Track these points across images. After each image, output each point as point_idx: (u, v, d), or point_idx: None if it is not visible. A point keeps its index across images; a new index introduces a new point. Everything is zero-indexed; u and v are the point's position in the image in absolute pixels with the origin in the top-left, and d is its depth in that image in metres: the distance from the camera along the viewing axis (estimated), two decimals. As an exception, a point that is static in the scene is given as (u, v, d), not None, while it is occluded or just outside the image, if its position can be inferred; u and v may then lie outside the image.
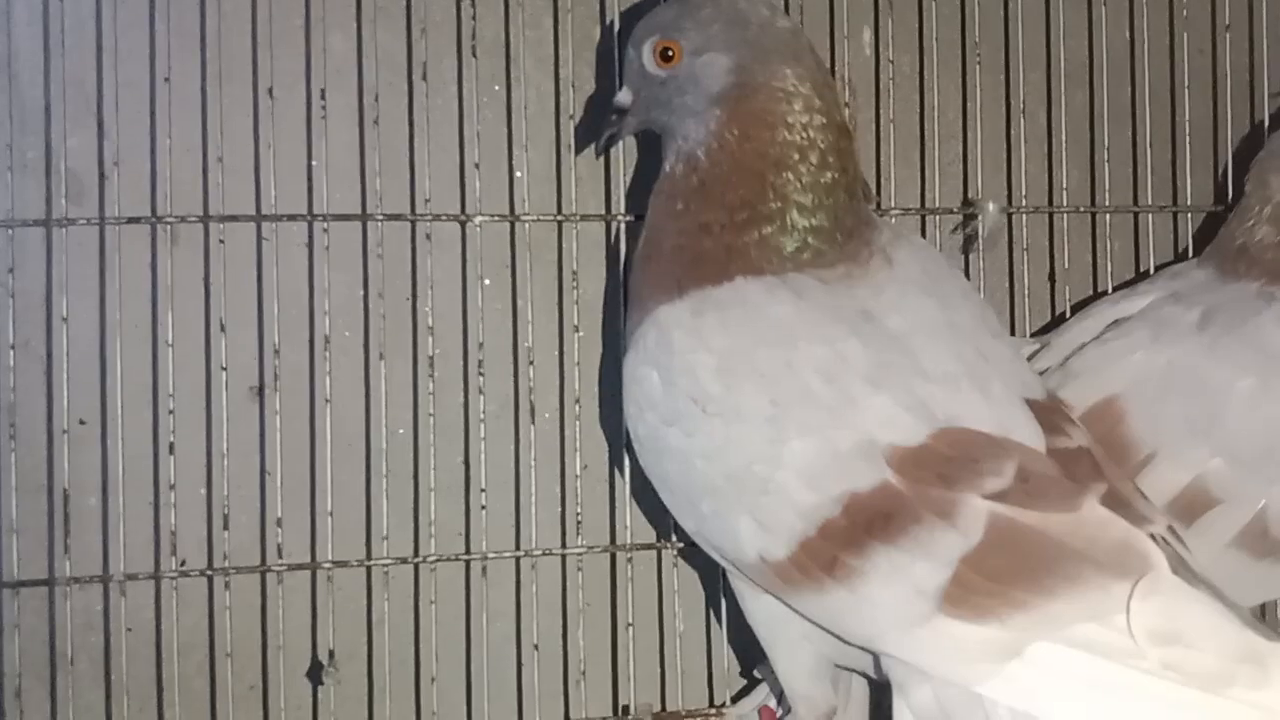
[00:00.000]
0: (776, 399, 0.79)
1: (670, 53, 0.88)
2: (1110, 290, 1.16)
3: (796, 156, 0.84)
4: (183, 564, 1.04)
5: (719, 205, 0.85)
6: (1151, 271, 1.17)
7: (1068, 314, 1.17)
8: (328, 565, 1.03)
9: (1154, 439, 0.94)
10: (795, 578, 0.79)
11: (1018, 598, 0.72)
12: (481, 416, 1.06)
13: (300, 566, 1.06)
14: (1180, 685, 0.69)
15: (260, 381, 1.09)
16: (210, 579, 1.05)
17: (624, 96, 0.92)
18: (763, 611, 0.88)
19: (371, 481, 1.09)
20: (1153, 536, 0.76)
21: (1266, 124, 1.21)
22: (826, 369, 0.79)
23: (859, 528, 0.76)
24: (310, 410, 1.08)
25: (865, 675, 0.91)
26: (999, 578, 0.72)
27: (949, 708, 0.75)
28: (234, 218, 1.03)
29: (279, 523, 1.02)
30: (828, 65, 1.01)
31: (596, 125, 0.98)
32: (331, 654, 1.04)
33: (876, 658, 0.81)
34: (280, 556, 1.02)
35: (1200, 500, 0.93)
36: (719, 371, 0.81)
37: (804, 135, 0.85)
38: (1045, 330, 1.17)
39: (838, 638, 0.82)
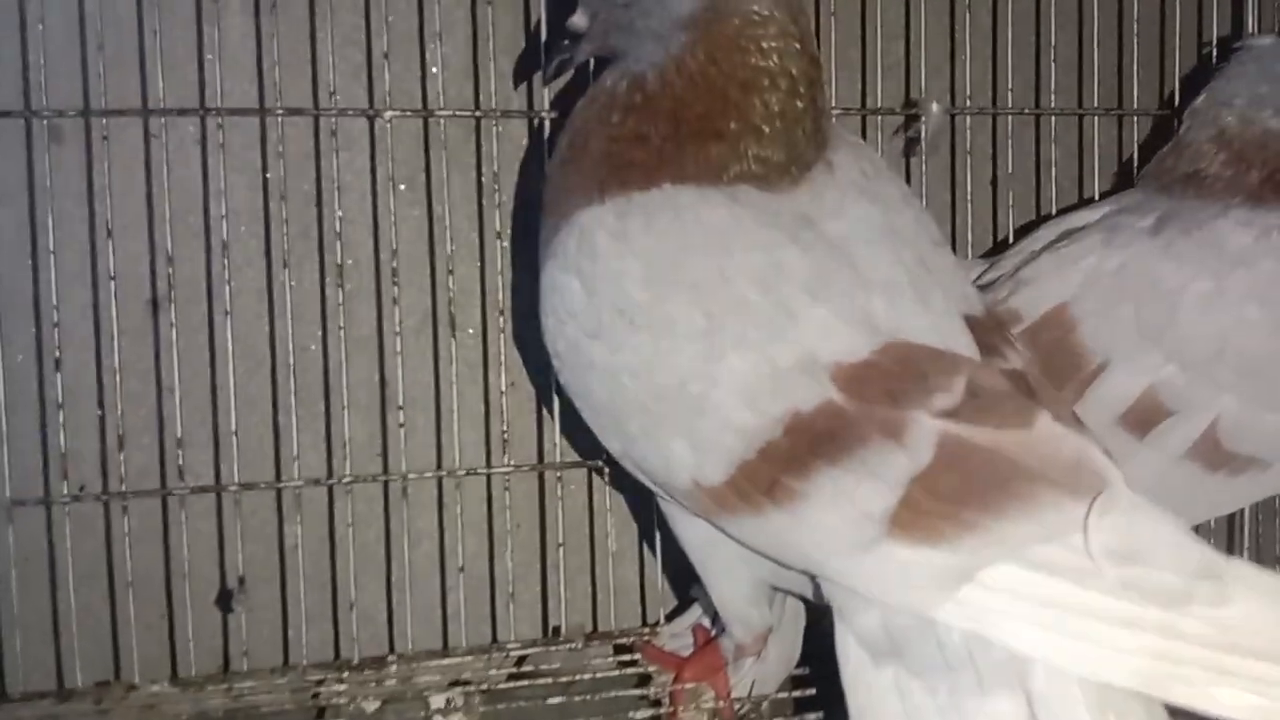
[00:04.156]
0: (710, 311, 0.74)
1: None
2: (1054, 199, 1.15)
3: (766, 82, 0.80)
4: (80, 489, 1.00)
5: (665, 119, 0.80)
6: (1095, 177, 1.16)
7: (1011, 221, 1.15)
8: (234, 488, 0.99)
9: (1106, 346, 0.93)
10: (732, 502, 0.75)
11: (970, 520, 0.69)
12: (398, 330, 1.01)
13: (204, 489, 1.02)
14: (1139, 604, 0.67)
15: (153, 292, 1.04)
16: (106, 504, 1.01)
17: (579, 19, 0.83)
18: (695, 536, 0.85)
19: (279, 399, 1.06)
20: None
21: (1214, 45, 1.17)
22: (763, 278, 0.75)
23: (801, 449, 0.72)
24: (209, 323, 1.04)
25: (802, 598, 0.88)
26: (950, 499, 0.69)
27: (897, 635, 0.72)
28: (119, 112, 0.97)
29: (180, 443, 0.98)
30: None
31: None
32: (241, 580, 1.01)
33: (816, 582, 0.78)
34: (182, 479, 0.98)
35: (1154, 411, 0.92)
36: (646, 280, 0.76)
37: (776, 61, 0.80)
38: (988, 253, 1.15)
39: (776, 562, 0.79)
